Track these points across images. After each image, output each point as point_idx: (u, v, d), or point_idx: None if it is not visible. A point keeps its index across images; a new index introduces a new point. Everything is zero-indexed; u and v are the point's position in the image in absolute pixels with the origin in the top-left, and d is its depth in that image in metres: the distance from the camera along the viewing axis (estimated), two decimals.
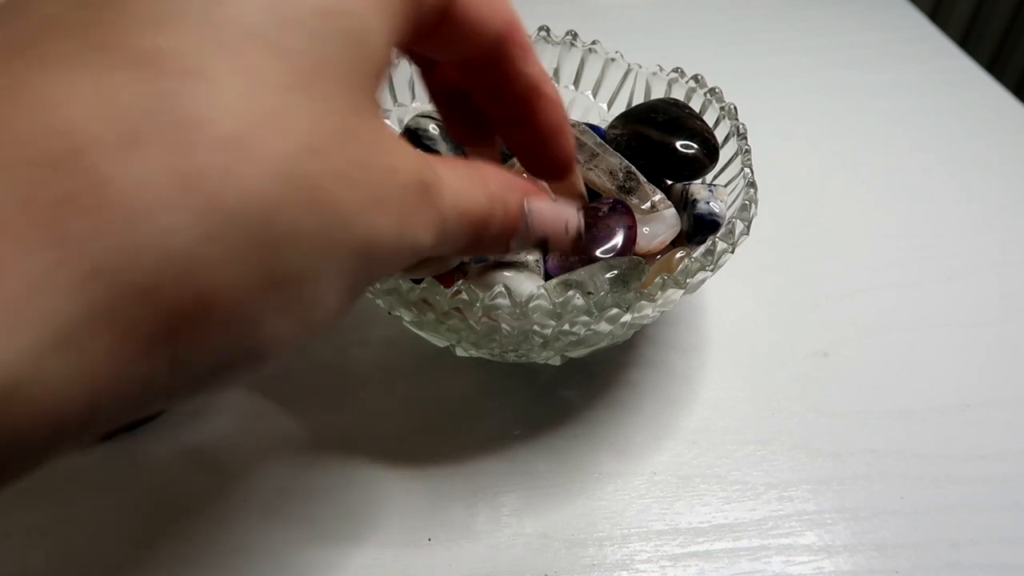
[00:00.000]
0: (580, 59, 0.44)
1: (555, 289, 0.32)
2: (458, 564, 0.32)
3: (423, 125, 0.40)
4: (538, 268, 0.34)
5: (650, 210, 0.35)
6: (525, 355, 0.35)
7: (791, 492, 0.34)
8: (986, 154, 0.56)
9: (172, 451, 0.35)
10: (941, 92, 0.62)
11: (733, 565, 0.32)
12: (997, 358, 0.41)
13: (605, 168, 0.36)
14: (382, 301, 0.32)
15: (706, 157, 0.37)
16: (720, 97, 0.40)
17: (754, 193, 0.34)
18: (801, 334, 0.42)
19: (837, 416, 0.38)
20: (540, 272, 0.34)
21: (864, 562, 0.32)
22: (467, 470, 0.35)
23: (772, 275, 0.45)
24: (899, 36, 0.69)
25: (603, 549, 0.32)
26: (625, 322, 0.31)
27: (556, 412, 0.37)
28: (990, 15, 1.17)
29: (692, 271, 0.30)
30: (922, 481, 0.35)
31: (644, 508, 0.34)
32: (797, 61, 0.66)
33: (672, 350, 0.41)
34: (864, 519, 0.33)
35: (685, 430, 0.37)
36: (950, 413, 0.38)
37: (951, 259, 0.47)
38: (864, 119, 0.59)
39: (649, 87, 0.43)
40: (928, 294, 0.44)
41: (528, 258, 0.34)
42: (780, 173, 0.51)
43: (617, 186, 0.35)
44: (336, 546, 0.32)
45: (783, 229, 0.48)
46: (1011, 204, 0.51)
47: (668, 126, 0.37)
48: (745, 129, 0.37)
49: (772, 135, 0.49)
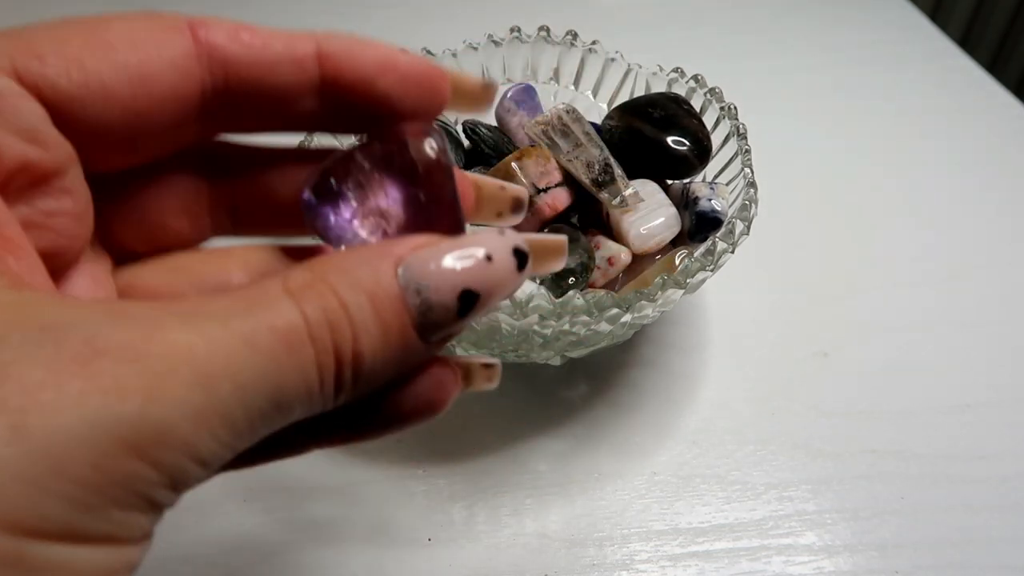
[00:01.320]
0: (580, 59, 0.44)
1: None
2: (458, 564, 0.32)
3: None
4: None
5: (619, 205, 0.35)
6: (525, 355, 0.35)
7: (791, 492, 0.34)
8: (986, 154, 0.56)
9: None
10: (941, 92, 0.62)
11: (733, 565, 0.32)
12: (997, 358, 0.41)
13: (584, 160, 0.36)
14: None
15: (696, 157, 0.37)
16: (720, 97, 0.40)
17: (754, 193, 0.34)
18: (801, 334, 0.42)
19: (837, 416, 0.38)
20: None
21: (864, 562, 0.32)
22: (467, 470, 0.35)
23: (772, 275, 0.45)
24: (899, 36, 0.69)
25: (603, 549, 0.32)
26: (625, 322, 0.31)
27: (556, 412, 0.37)
28: (990, 15, 1.17)
29: (692, 271, 0.30)
30: (922, 481, 0.35)
31: (644, 508, 0.34)
32: (797, 61, 0.65)
33: (672, 350, 0.41)
34: (864, 519, 0.33)
35: (685, 430, 0.37)
36: (950, 413, 0.38)
37: (951, 259, 0.47)
38: (864, 119, 0.59)
39: (649, 87, 0.43)
40: (928, 294, 0.44)
41: None
42: (780, 173, 0.51)
43: (591, 179, 0.35)
44: (336, 546, 0.32)
45: (783, 229, 0.48)
46: (1011, 204, 0.51)
47: (663, 123, 0.37)
48: (745, 129, 0.37)
49: (772, 135, 0.49)
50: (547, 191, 0.35)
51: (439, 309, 0.14)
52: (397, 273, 0.14)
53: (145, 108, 0.15)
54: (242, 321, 0.13)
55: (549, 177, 0.35)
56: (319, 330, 0.14)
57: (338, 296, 0.14)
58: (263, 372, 0.13)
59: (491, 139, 0.40)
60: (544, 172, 0.35)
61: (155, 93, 0.15)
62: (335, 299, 0.14)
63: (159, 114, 0.16)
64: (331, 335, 0.14)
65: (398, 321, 0.14)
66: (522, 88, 0.43)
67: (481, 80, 0.18)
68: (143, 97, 0.15)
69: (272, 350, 0.13)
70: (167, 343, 0.12)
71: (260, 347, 0.13)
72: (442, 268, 0.14)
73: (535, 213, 0.35)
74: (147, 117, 0.16)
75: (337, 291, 0.14)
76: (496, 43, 0.44)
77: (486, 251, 0.15)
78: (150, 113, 0.15)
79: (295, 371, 0.13)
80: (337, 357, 0.14)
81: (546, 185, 0.35)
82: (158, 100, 0.15)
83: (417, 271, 0.14)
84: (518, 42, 0.44)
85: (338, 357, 0.14)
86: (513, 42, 0.44)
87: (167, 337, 0.12)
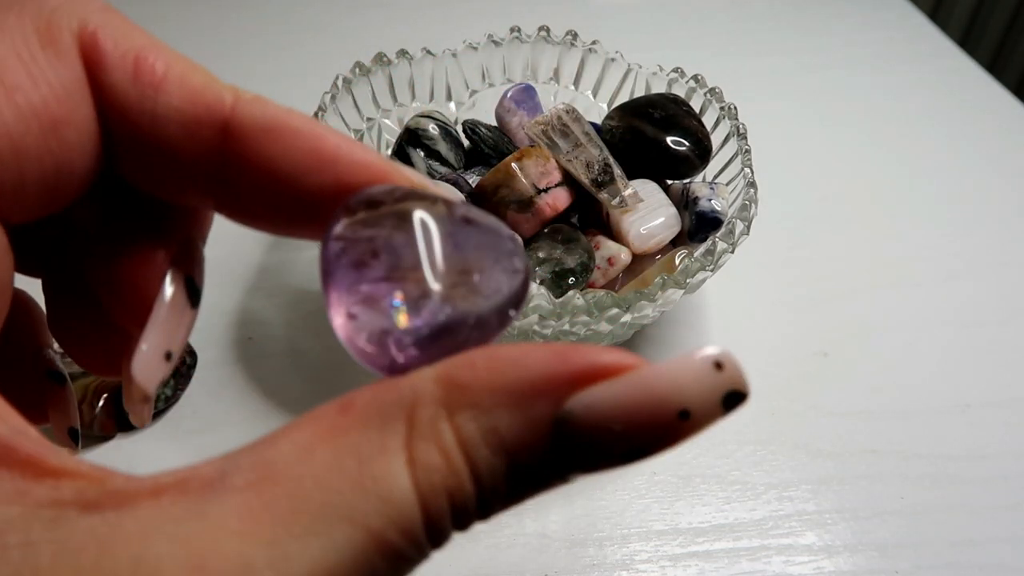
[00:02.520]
0: (580, 59, 0.44)
1: None
2: (458, 564, 0.32)
3: (423, 125, 0.40)
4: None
5: (618, 205, 0.35)
6: None
7: (791, 492, 0.34)
8: (986, 154, 0.56)
9: (172, 453, 0.35)
10: (941, 92, 0.62)
11: (733, 565, 0.32)
12: (997, 358, 0.41)
13: (584, 160, 0.36)
14: None
15: (697, 157, 0.37)
16: (720, 97, 0.40)
17: (754, 193, 0.34)
18: (801, 334, 0.42)
19: (837, 416, 0.38)
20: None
21: (864, 562, 0.32)
22: None
23: (772, 275, 0.45)
24: (899, 36, 0.69)
25: (603, 549, 0.32)
26: (625, 322, 0.31)
27: None
28: (990, 15, 1.17)
29: (692, 271, 0.30)
30: (922, 481, 0.35)
31: (644, 508, 0.34)
32: (797, 61, 0.65)
33: (672, 350, 0.41)
34: (864, 519, 0.33)
35: None
36: (950, 413, 0.38)
37: (951, 259, 0.47)
38: (864, 119, 0.59)
39: (649, 87, 0.43)
40: (928, 294, 0.44)
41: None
42: (780, 173, 0.51)
43: (591, 179, 0.35)
44: None
45: (783, 229, 0.48)
46: (1011, 204, 0.51)
47: (663, 123, 0.37)
48: (745, 129, 0.37)
49: (772, 135, 0.49)
50: (547, 191, 0.35)
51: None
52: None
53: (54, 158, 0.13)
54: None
55: (549, 177, 0.36)
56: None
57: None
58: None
59: (491, 139, 0.40)
60: (544, 172, 0.35)
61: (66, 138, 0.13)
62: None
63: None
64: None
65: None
66: (522, 88, 0.43)
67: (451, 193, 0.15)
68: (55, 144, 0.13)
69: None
70: None
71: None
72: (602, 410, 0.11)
73: (535, 213, 0.35)
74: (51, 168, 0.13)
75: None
76: (496, 43, 0.44)
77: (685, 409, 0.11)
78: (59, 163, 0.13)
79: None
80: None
81: (546, 185, 0.35)
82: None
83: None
84: (518, 42, 0.44)
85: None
86: (513, 42, 0.44)
87: None
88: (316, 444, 0.11)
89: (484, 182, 0.36)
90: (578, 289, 0.32)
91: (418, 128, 0.40)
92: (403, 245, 0.12)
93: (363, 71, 0.41)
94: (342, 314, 0.12)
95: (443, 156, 0.40)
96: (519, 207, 0.35)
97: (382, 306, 0.12)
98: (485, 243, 0.13)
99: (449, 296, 0.12)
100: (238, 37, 0.66)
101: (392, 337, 0.12)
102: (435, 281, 0.12)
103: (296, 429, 0.11)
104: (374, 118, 0.42)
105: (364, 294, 0.12)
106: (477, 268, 0.13)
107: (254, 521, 0.10)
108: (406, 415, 0.11)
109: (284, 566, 0.10)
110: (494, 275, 0.13)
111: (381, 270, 0.12)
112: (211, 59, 0.69)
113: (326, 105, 0.38)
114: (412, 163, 0.39)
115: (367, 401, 0.11)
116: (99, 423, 0.34)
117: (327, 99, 0.39)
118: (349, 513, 0.10)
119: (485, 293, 0.12)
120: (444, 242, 0.12)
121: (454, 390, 0.11)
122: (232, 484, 0.10)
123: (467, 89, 0.45)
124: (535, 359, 0.11)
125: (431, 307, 0.12)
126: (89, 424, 0.34)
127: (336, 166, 0.14)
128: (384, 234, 0.12)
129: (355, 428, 0.11)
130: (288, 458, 0.11)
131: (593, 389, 0.11)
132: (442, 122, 0.41)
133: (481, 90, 0.45)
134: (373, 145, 0.43)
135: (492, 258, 0.13)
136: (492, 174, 0.36)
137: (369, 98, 0.42)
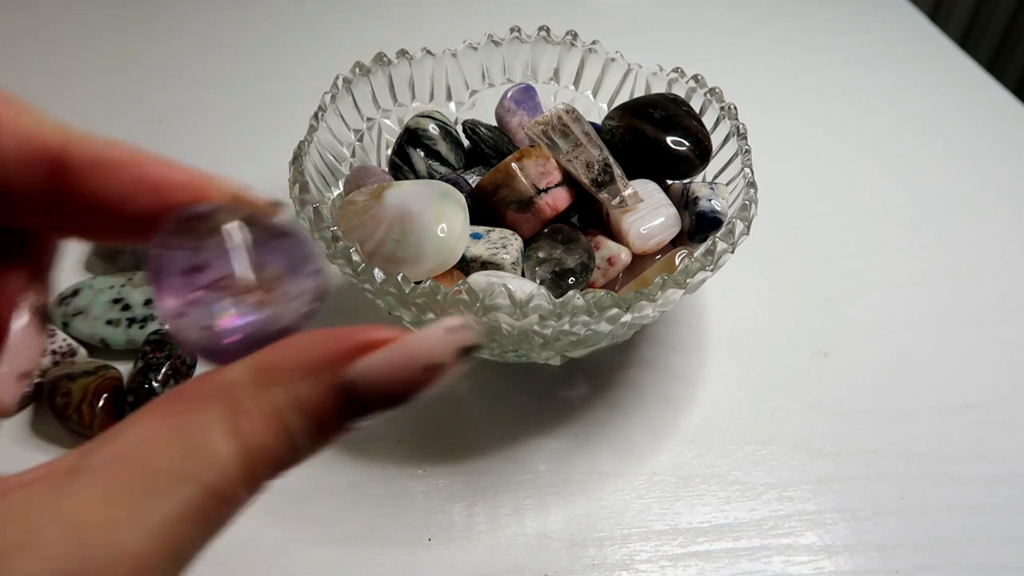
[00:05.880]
0: (580, 59, 0.44)
1: None
2: (458, 564, 0.32)
3: (423, 125, 0.40)
4: (514, 270, 0.34)
5: (618, 205, 0.35)
6: (525, 355, 0.35)
7: (791, 492, 0.34)
8: (986, 154, 0.56)
9: None
10: (941, 92, 0.62)
11: (733, 565, 0.32)
12: (997, 358, 0.41)
13: (584, 160, 0.36)
14: (382, 301, 0.32)
15: (697, 157, 0.37)
16: (720, 97, 0.40)
17: (754, 193, 0.34)
18: (801, 334, 0.42)
19: (837, 416, 0.38)
20: (518, 273, 0.34)
21: (864, 562, 0.32)
22: (467, 470, 0.35)
23: (772, 275, 0.45)
24: (899, 36, 0.69)
25: (603, 549, 0.32)
26: (625, 322, 0.31)
27: (556, 412, 0.37)
28: (990, 15, 1.17)
29: (692, 271, 0.30)
30: (922, 481, 0.35)
31: (644, 508, 0.34)
32: (797, 61, 0.65)
33: (672, 350, 0.41)
34: (864, 519, 0.33)
35: (685, 430, 0.37)
36: (950, 413, 0.38)
37: (951, 259, 0.47)
38: (864, 119, 0.59)
39: (649, 87, 0.43)
40: (928, 294, 0.44)
41: (505, 258, 0.34)
42: (780, 173, 0.51)
43: (591, 179, 0.35)
44: (336, 546, 0.32)
45: (783, 229, 0.48)
46: (1011, 204, 0.51)
47: (663, 123, 0.37)
48: (745, 129, 0.37)
49: (772, 135, 0.49)
50: (547, 191, 0.35)
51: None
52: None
53: None
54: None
55: (549, 177, 0.36)
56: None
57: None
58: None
59: (491, 139, 0.40)
60: (544, 172, 0.35)
61: None
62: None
63: None
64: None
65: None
66: (522, 88, 0.43)
67: (266, 199, 0.17)
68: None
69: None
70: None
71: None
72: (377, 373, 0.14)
73: (535, 213, 0.35)
74: None
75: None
76: (496, 43, 0.44)
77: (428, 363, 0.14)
78: None
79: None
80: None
81: (546, 185, 0.35)
82: None
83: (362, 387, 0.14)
84: (518, 42, 0.44)
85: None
86: (513, 42, 0.44)
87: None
88: (154, 427, 0.13)
89: (484, 182, 0.36)
90: (578, 289, 0.32)
91: (418, 128, 0.40)
92: (219, 256, 0.15)
93: (363, 71, 0.41)
94: (172, 313, 0.15)
95: (443, 156, 0.40)
96: (519, 207, 0.35)
97: (206, 309, 0.15)
98: (288, 248, 0.16)
99: (261, 300, 0.15)
100: (238, 37, 0.66)
101: (214, 333, 0.15)
102: (248, 286, 0.15)
103: (138, 418, 0.14)
104: (374, 118, 0.42)
105: (190, 299, 0.15)
106: (283, 272, 0.16)
107: (113, 491, 0.13)
108: (227, 394, 0.14)
109: (142, 520, 0.12)
110: (297, 279, 0.16)
111: (203, 278, 0.15)
112: (211, 59, 0.69)
113: (326, 105, 0.38)
114: (412, 163, 0.40)
115: (193, 389, 0.14)
116: (99, 423, 0.34)
117: (327, 99, 0.39)
118: (187, 475, 0.13)
119: (291, 294, 0.15)
120: (253, 251, 0.15)
121: (266, 371, 0.14)
122: (90, 466, 0.13)
123: (467, 89, 0.45)
124: (324, 340, 0.14)
125: (245, 310, 0.15)
126: (89, 424, 0.34)
127: (159, 190, 0.16)
128: (203, 246, 0.15)
129: (185, 411, 0.14)
130: (134, 440, 0.13)
131: (368, 357, 0.14)
132: (442, 122, 0.41)
133: (481, 90, 0.45)
134: (373, 145, 0.43)
135: (295, 262, 0.16)
136: (492, 174, 0.36)
137: (369, 98, 0.42)
